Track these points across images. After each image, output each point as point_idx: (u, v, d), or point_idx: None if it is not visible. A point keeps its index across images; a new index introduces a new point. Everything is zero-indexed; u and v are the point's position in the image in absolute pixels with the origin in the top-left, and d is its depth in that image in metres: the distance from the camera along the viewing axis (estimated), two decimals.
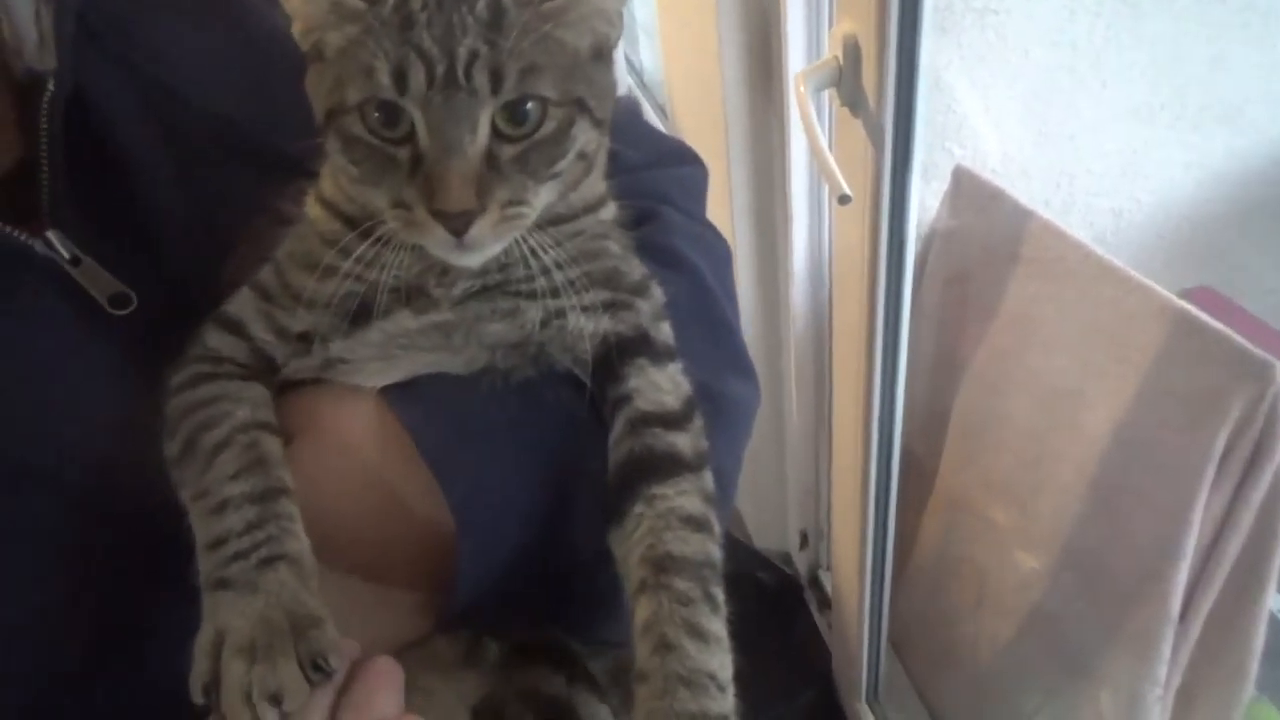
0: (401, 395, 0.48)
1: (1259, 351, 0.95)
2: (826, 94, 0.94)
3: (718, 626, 0.46)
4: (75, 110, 0.50)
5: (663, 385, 0.51)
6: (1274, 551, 1.08)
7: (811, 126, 0.88)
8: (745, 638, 0.47)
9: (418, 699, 0.47)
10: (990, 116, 1.30)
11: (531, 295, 0.49)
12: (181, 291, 0.51)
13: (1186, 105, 1.48)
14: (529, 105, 0.43)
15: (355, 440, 0.47)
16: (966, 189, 1.25)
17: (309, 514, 0.45)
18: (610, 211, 0.55)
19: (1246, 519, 1.03)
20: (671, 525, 0.47)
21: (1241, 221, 1.66)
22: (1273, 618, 1.66)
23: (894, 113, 0.86)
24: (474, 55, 0.41)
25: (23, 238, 0.47)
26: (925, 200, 1.33)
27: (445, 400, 0.49)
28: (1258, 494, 1.01)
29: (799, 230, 1.11)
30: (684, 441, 0.50)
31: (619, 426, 0.50)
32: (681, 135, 1.41)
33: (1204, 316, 1.00)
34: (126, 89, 0.52)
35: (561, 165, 0.46)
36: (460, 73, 0.41)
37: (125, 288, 0.49)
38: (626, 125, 0.71)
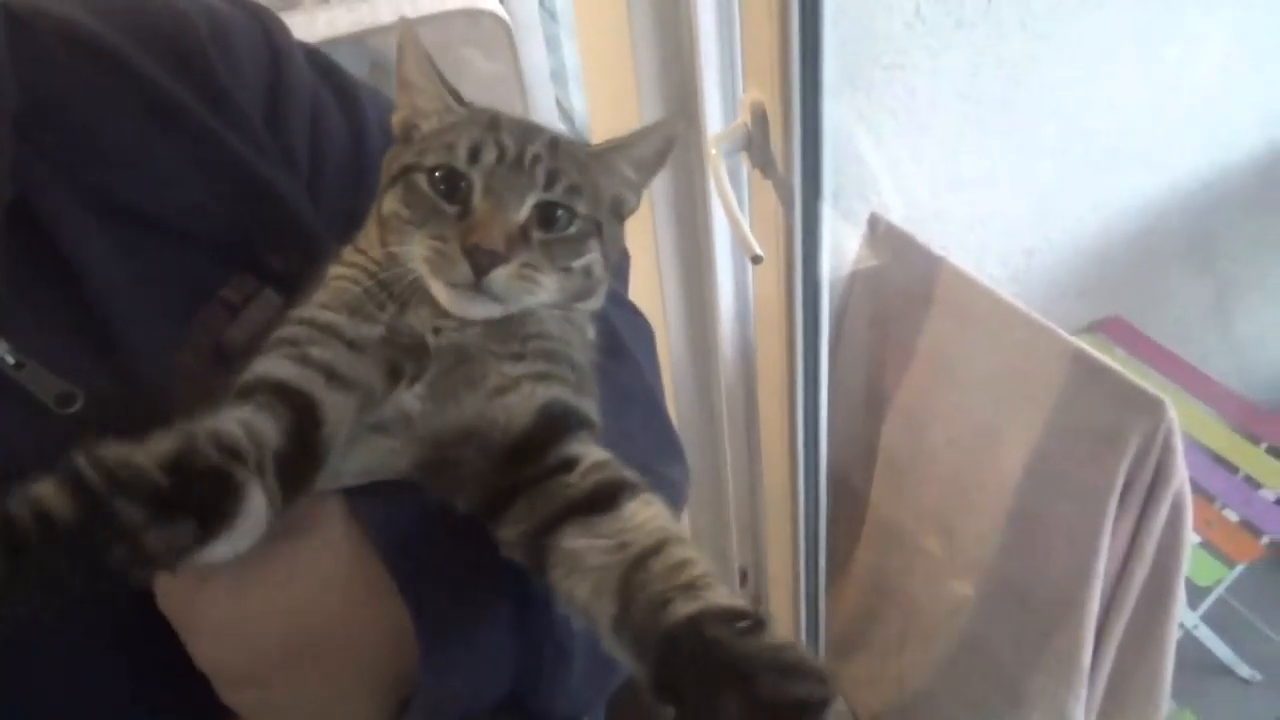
0: (369, 507, 0.49)
1: (1150, 390, 1.01)
2: (742, 156, 0.99)
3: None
4: (18, 218, 0.50)
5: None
6: (1178, 572, 1.14)
7: (724, 189, 0.92)
8: None
9: None
10: (903, 166, 1.36)
11: (500, 357, 0.52)
12: (131, 385, 0.51)
13: (1091, 149, 1.56)
14: (561, 211, 0.53)
15: (324, 544, 0.48)
16: (881, 235, 1.31)
17: (272, 609, 0.46)
18: (590, 334, 0.59)
19: (1150, 544, 1.09)
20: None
21: (1146, 256, 1.75)
22: (1189, 634, 1.74)
23: (801, 174, 0.91)
24: (538, 158, 0.53)
25: None
26: (846, 243, 1.39)
27: (409, 513, 0.49)
28: (1158, 521, 1.08)
29: (724, 282, 1.16)
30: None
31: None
32: None
33: (1100, 357, 1.06)
34: (71, 197, 0.52)
35: (574, 263, 0.54)
36: (526, 162, 0.53)
37: (71, 386, 0.49)
38: None
